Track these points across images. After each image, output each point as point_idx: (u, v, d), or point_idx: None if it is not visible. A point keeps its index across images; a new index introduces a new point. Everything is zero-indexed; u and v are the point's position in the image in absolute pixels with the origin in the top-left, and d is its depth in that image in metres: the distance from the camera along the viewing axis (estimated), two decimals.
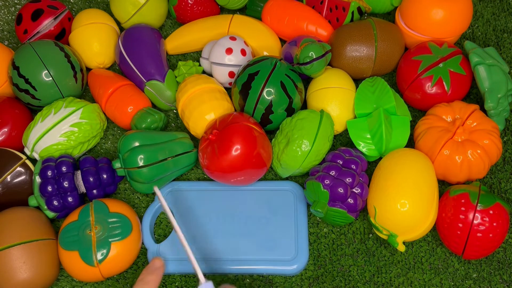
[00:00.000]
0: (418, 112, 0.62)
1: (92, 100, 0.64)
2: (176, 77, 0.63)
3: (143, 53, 0.61)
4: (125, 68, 0.62)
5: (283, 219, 0.54)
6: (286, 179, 0.58)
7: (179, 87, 0.59)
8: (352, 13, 0.64)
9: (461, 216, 0.49)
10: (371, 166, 0.58)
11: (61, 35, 0.65)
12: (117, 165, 0.55)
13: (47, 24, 0.64)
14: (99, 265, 0.50)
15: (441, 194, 0.55)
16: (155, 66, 0.61)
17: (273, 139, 0.57)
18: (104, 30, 0.64)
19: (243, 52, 0.60)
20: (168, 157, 0.55)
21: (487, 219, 0.48)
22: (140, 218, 0.56)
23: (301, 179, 0.58)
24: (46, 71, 0.58)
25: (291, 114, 0.57)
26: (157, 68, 0.61)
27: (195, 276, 0.53)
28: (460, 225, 0.49)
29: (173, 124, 0.63)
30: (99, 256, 0.50)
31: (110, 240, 0.51)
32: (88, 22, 0.64)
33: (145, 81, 0.61)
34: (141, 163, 0.53)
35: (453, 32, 0.60)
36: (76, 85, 0.61)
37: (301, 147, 0.53)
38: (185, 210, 0.56)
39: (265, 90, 0.55)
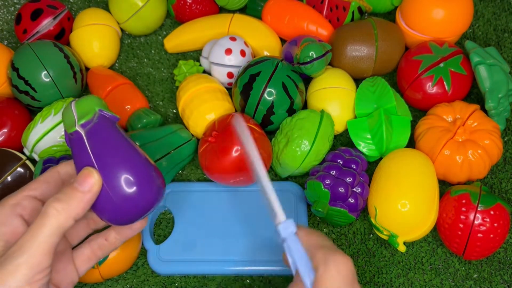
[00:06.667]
0: (418, 112, 0.61)
1: None
2: (176, 76, 0.63)
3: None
4: None
5: None
6: (286, 179, 0.58)
7: (180, 86, 0.59)
8: (353, 12, 0.64)
9: (462, 217, 0.49)
10: (371, 166, 0.58)
11: (60, 35, 0.65)
12: None
13: (47, 23, 0.64)
14: (99, 267, 0.50)
15: (441, 195, 0.55)
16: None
17: (273, 139, 0.57)
18: (106, 32, 0.64)
19: (243, 53, 0.60)
20: (170, 150, 0.55)
21: (488, 219, 0.48)
22: None
23: (301, 179, 0.58)
24: (46, 72, 0.58)
25: (292, 115, 0.57)
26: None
27: (197, 277, 0.53)
28: (461, 225, 0.49)
29: None
30: None
31: None
32: (90, 22, 0.63)
33: None
34: None
35: (453, 32, 0.60)
36: (76, 86, 0.61)
37: (300, 147, 0.53)
38: (185, 211, 0.56)
39: (267, 91, 0.55)
